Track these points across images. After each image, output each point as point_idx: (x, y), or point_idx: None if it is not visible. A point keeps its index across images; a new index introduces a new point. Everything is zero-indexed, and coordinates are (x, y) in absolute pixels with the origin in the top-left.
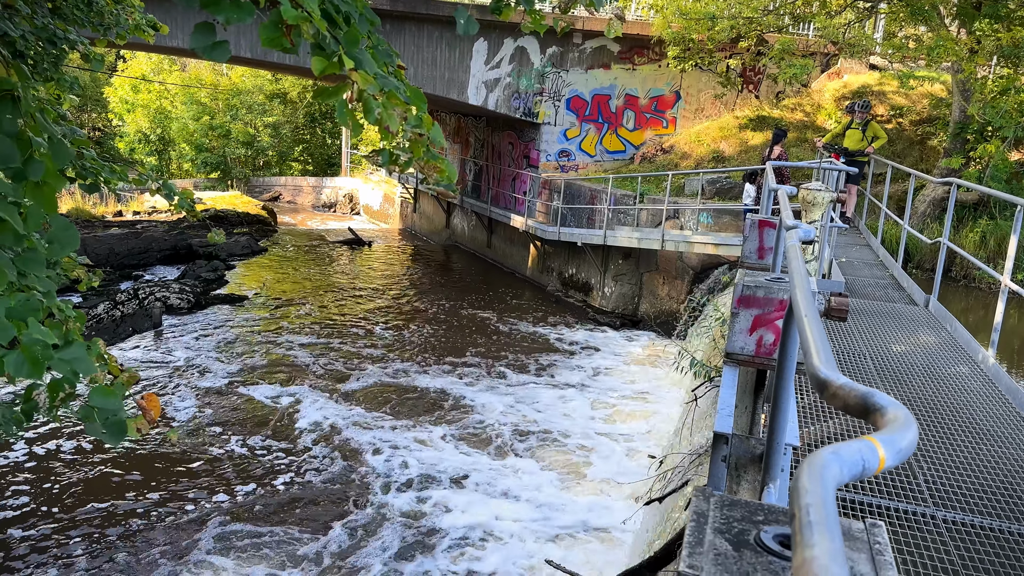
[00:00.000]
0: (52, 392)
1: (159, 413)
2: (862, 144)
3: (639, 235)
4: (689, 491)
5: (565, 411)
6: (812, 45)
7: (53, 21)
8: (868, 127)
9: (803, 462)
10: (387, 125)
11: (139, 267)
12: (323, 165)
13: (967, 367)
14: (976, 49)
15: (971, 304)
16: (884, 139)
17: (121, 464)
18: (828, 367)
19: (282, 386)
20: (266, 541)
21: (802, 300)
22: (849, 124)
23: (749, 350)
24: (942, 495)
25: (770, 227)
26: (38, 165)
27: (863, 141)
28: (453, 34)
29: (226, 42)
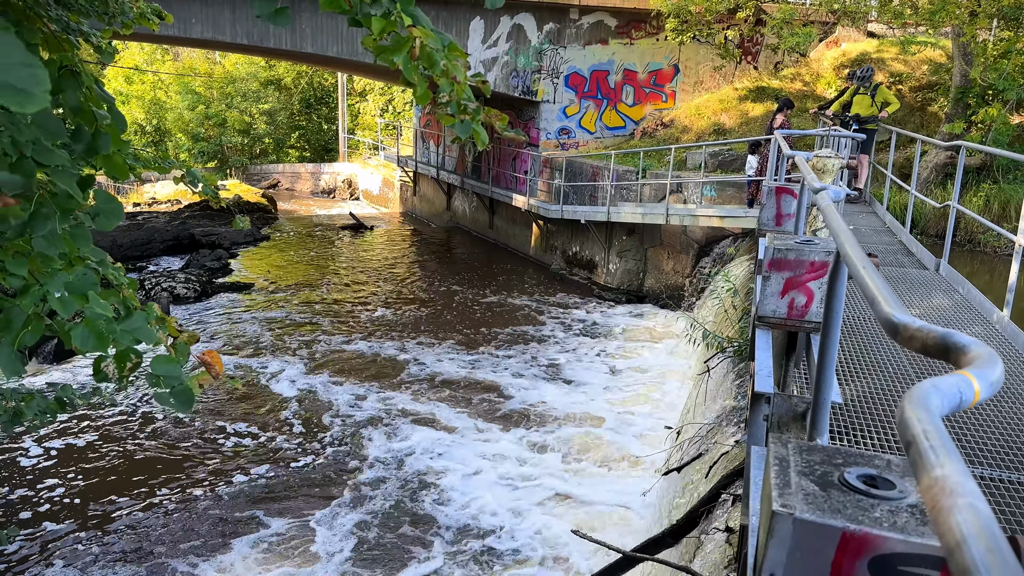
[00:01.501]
0: (120, 363)
1: (222, 369)
2: (873, 110)
3: (643, 210)
4: (710, 457)
5: (576, 387)
6: (811, 13)
7: (65, 13)
8: (877, 92)
9: (905, 396)
10: (455, 75)
11: (143, 258)
12: (320, 151)
13: (983, 327)
14: (976, 12)
15: (977, 268)
16: (896, 104)
17: (130, 449)
18: (900, 311)
19: (290, 371)
20: (280, 525)
21: (853, 253)
22: (856, 90)
23: (781, 313)
24: (967, 452)
25: (787, 194)
26: (106, 138)
27: (873, 107)
28: (450, 13)
29: (287, 8)
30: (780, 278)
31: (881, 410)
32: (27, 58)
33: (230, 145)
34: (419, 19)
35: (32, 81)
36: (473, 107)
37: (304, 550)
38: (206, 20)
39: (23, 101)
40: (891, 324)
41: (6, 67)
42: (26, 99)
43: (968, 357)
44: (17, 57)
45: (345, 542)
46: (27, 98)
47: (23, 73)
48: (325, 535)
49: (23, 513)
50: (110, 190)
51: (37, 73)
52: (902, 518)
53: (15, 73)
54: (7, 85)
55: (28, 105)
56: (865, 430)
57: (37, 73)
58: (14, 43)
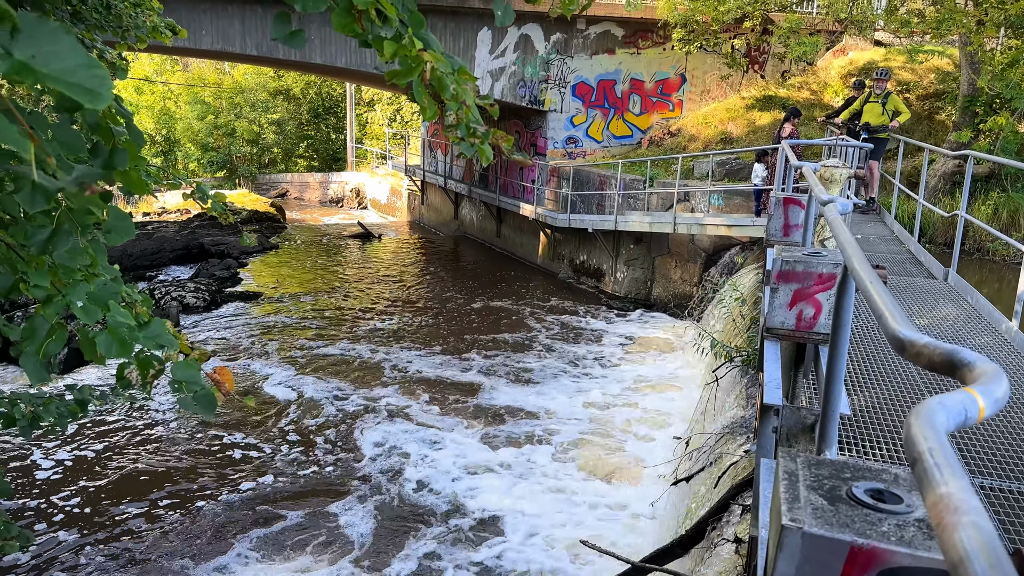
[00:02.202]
0: (143, 369)
1: (233, 386)
2: (883, 119)
3: (650, 219)
4: (718, 468)
5: (582, 396)
6: (817, 22)
7: (81, 31)
8: (888, 100)
9: (911, 413)
10: (463, 99)
11: (152, 268)
12: (328, 160)
13: (991, 337)
14: (984, 21)
15: (986, 276)
16: (907, 114)
17: (134, 457)
18: (907, 327)
19: (299, 379)
20: (289, 531)
21: (860, 268)
22: (867, 99)
23: (790, 324)
24: (978, 463)
25: (795, 204)
26: (123, 154)
27: (884, 115)
28: (457, 24)
29: (302, 31)
30: (788, 290)
31: (890, 420)
32: (89, 60)
33: (239, 155)
34: (430, 43)
35: (97, 81)
36: (482, 131)
37: (313, 554)
38: (216, 32)
39: (93, 99)
40: (898, 340)
41: (74, 69)
42: (95, 97)
43: (974, 374)
44: (81, 59)
45: (354, 550)
46: (96, 96)
47: (88, 74)
48: (335, 542)
49: (31, 521)
50: (120, 201)
51: (99, 73)
52: (909, 532)
53: (81, 74)
54: (78, 85)
55: (97, 102)
56: (874, 440)
57: (99, 73)
58: (76, 47)
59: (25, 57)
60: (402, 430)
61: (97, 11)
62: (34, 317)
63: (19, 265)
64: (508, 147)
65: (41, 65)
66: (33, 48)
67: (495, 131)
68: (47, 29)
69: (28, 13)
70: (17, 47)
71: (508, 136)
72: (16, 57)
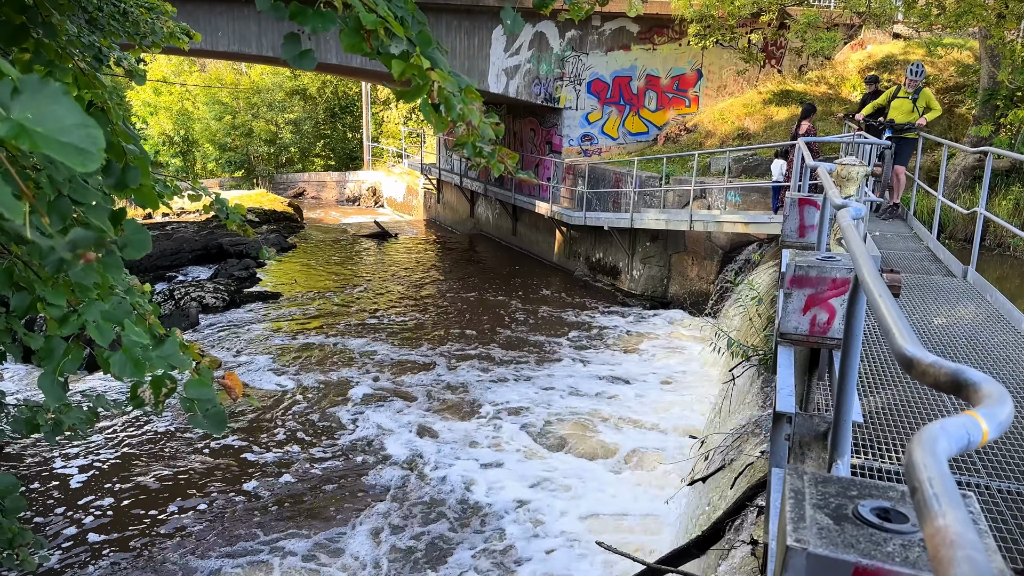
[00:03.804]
0: (156, 389)
1: (241, 391)
2: (912, 116)
3: (666, 217)
4: (735, 468)
5: (600, 395)
6: (835, 16)
7: (97, 39)
8: (920, 96)
9: (914, 437)
10: (469, 120)
11: (172, 268)
12: (345, 159)
13: (1011, 336)
14: (1004, 14)
15: (1007, 272)
16: (938, 110)
17: (147, 463)
18: (913, 345)
19: (315, 380)
20: (306, 532)
21: (871, 280)
22: (895, 94)
23: (803, 329)
24: (996, 465)
25: (810, 205)
26: (135, 171)
27: (914, 112)
28: (472, 22)
29: (311, 51)
30: (802, 295)
31: (904, 423)
32: (83, 119)
33: (256, 154)
34: (437, 61)
35: (90, 141)
36: (488, 151)
37: (337, 558)
38: (233, 34)
39: (84, 160)
40: (905, 358)
41: (66, 128)
42: (86, 158)
43: (979, 395)
44: (74, 118)
45: (378, 552)
46: (87, 157)
47: (81, 133)
48: (359, 544)
49: (50, 529)
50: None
51: (93, 132)
52: (914, 553)
53: (75, 134)
54: (69, 146)
55: (88, 164)
56: (888, 444)
57: (93, 132)
58: (70, 104)
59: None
60: (423, 433)
61: (114, 19)
62: (51, 337)
63: (36, 284)
64: (513, 165)
65: (36, 125)
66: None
67: (500, 148)
68: (48, 90)
69: (31, 75)
70: (16, 107)
71: (513, 154)
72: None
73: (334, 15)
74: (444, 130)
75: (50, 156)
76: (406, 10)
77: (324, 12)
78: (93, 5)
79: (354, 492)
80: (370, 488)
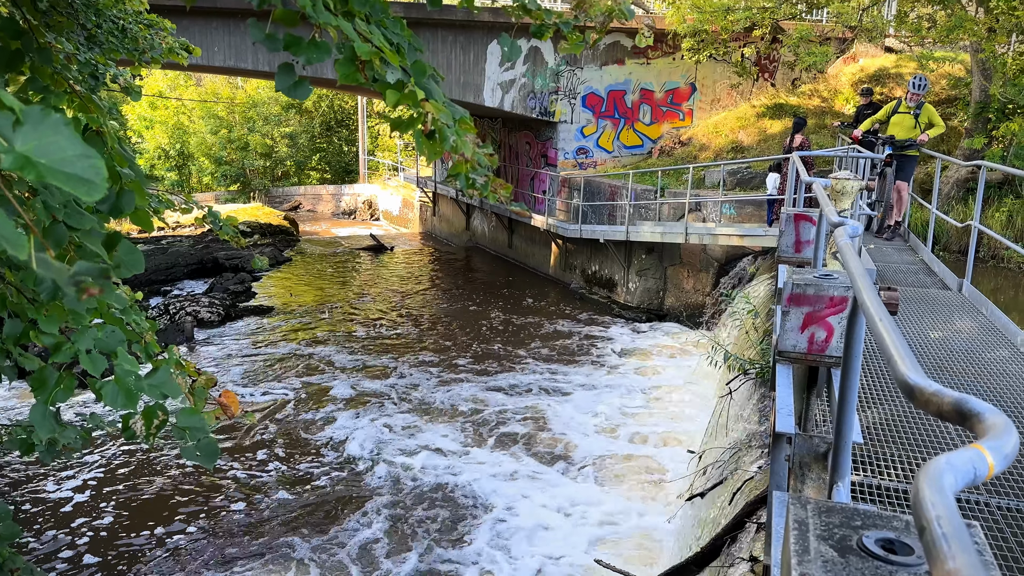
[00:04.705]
0: (147, 419)
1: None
2: (914, 132)
3: (662, 229)
4: (733, 483)
5: (596, 408)
6: (827, 30)
7: (94, 56)
8: (922, 111)
9: (920, 472)
10: (462, 152)
11: (167, 282)
12: (341, 172)
13: (1007, 350)
14: (994, 28)
15: (1001, 284)
16: (942, 127)
17: (141, 482)
18: (916, 373)
19: (313, 395)
20: (300, 547)
21: (871, 304)
22: (896, 108)
23: (801, 348)
24: (996, 482)
25: (806, 220)
26: (130, 196)
27: (916, 128)
28: (468, 38)
29: (306, 80)
30: (799, 313)
31: (905, 439)
32: (85, 150)
33: (252, 168)
34: (432, 92)
35: (93, 171)
36: (481, 182)
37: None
38: (228, 49)
39: (89, 190)
40: (907, 386)
41: (70, 160)
42: (91, 188)
43: (983, 426)
44: (76, 149)
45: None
46: (91, 187)
47: (84, 164)
48: (356, 562)
49: (41, 552)
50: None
51: (96, 163)
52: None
53: (78, 165)
54: (73, 176)
55: (93, 193)
56: (889, 461)
57: (96, 163)
58: (71, 135)
59: (26, 149)
60: (414, 443)
61: (113, 35)
62: (44, 367)
63: (29, 311)
64: (507, 195)
65: (41, 156)
66: (34, 139)
67: (494, 179)
68: (50, 121)
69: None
70: (19, 139)
71: (507, 185)
72: (18, 150)
73: (328, 45)
74: (436, 159)
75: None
76: (402, 37)
77: (319, 43)
78: (92, 22)
79: (350, 505)
80: (366, 500)
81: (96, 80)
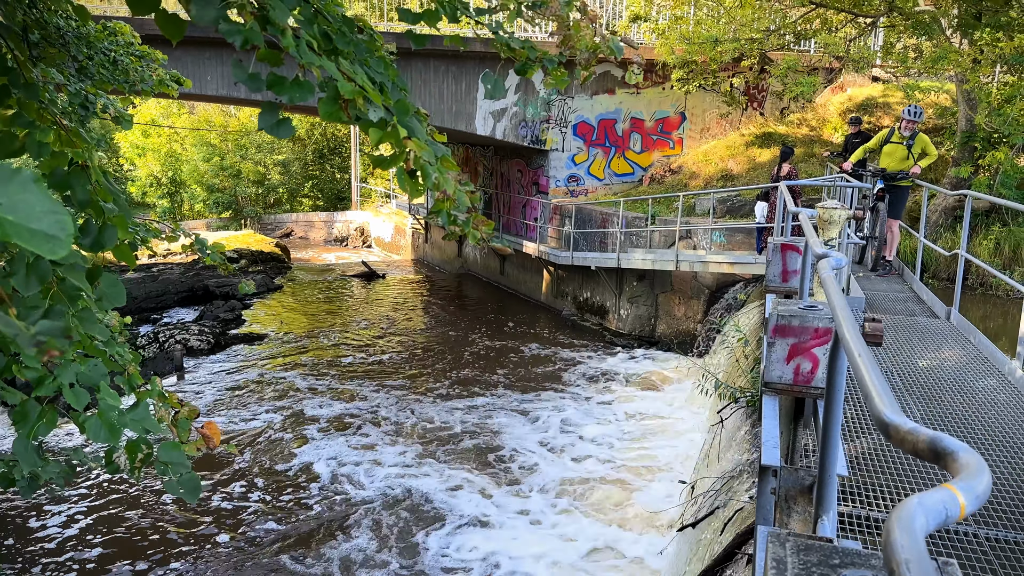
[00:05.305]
0: (131, 453)
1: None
2: (906, 163)
3: (653, 256)
4: (724, 514)
5: (587, 436)
6: (815, 61)
7: (84, 87)
8: (916, 141)
9: (892, 513)
10: (444, 189)
11: (157, 310)
12: (333, 199)
13: (995, 380)
14: (979, 59)
15: (990, 311)
16: (934, 155)
17: (128, 514)
18: (892, 410)
19: (299, 422)
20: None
21: (852, 339)
22: (887, 138)
23: (787, 379)
24: (983, 512)
25: (792, 250)
26: (112, 231)
27: (909, 159)
28: (459, 68)
29: (289, 119)
30: (785, 344)
31: (892, 469)
32: (52, 205)
33: (244, 195)
34: (414, 130)
35: (58, 227)
36: (462, 219)
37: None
38: (221, 78)
39: (53, 247)
40: (883, 423)
41: (36, 215)
42: (55, 244)
43: (956, 465)
44: (44, 206)
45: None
46: (56, 243)
47: (51, 220)
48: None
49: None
50: None
51: (62, 219)
52: None
53: (44, 220)
54: (38, 232)
55: (57, 251)
56: (876, 491)
57: (62, 219)
58: (40, 192)
59: None
60: (402, 472)
61: (104, 67)
62: (26, 401)
63: (12, 345)
64: (488, 231)
65: (7, 213)
66: (3, 197)
67: (476, 216)
68: (19, 179)
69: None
70: None
71: (488, 223)
72: None
73: (312, 85)
74: (418, 196)
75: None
76: (386, 76)
77: (302, 82)
78: (84, 54)
79: (336, 532)
80: (351, 528)
81: (86, 110)
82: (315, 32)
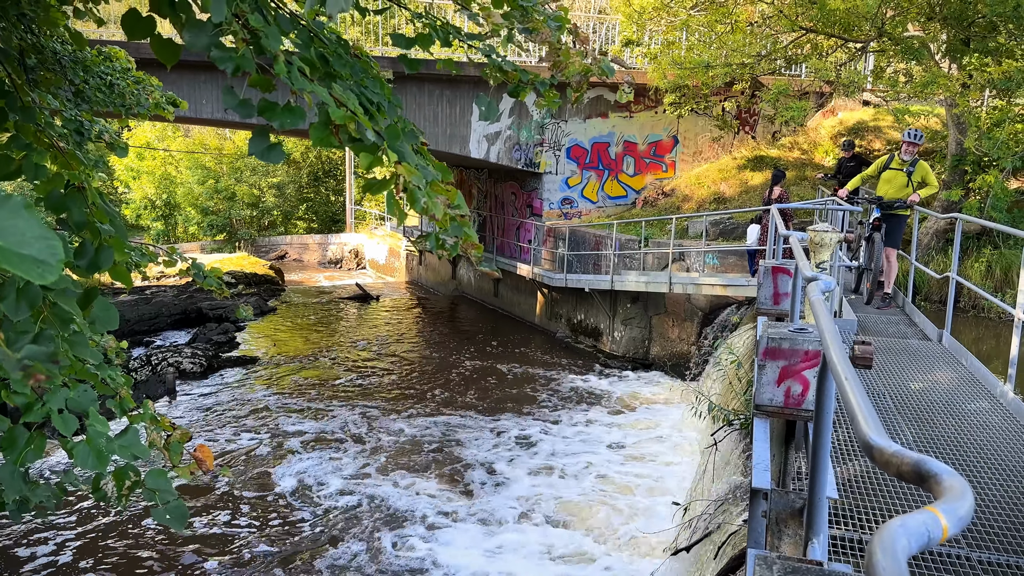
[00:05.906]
0: (119, 481)
1: (212, 464)
2: (905, 192)
3: (646, 279)
4: (718, 537)
5: (582, 459)
6: (806, 85)
7: (80, 113)
8: (916, 169)
9: (874, 536)
10: (433, 213)
11: (150, 333)
12: (328, 222)
13: (987, 402)
14: (968, 84)
15: (982, 334)
16: (935, 187)
17: (118, 538)
18: (877, 433)
19: (291, 444)
20: None
21: (839, 362)
22: (887, 164)
23: (778, 401)
24: (975, 535)
25: (784, 273)
26: (108, 253)
27: (908, 187)
28: (453, 91)
29: (280, 144)
30: (775, 367)
31: (883, 491)
32: (42, 231)
33: (239, 218)
34: (404, 155)
35: (49, 252)
36: (451, 244)
37: None
38: (216, 101)
39: (43, 272)
40: (868, 446)
41: (26, 241)
42: (45, 269)
43: (940, 488)
44: (35, 231)
45: None
46: (46, 269)
47: (41, 245)
48: None
49: None
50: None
51: (53, 245)
52: None
53: (34, 246)
54: (28, 258)
55: (47, 275)
56: (868, 514)
57: (53, 245)
58: (31, 218)
59: None
60: (396, 497)
61: (100, 91)
62: (13, 428)
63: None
64: (478, 255)
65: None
66: None
67: (467, 237)
68: (10, 205)
69: None
70: None
71: (478, 245)
72: None
73: (303, 111)
74: (405, 220)
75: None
76: (382, 95)
77: (293, 108)
78: (80, 78)
79: (327, 553)
80: (342, 552)
81: (82, 136)
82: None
